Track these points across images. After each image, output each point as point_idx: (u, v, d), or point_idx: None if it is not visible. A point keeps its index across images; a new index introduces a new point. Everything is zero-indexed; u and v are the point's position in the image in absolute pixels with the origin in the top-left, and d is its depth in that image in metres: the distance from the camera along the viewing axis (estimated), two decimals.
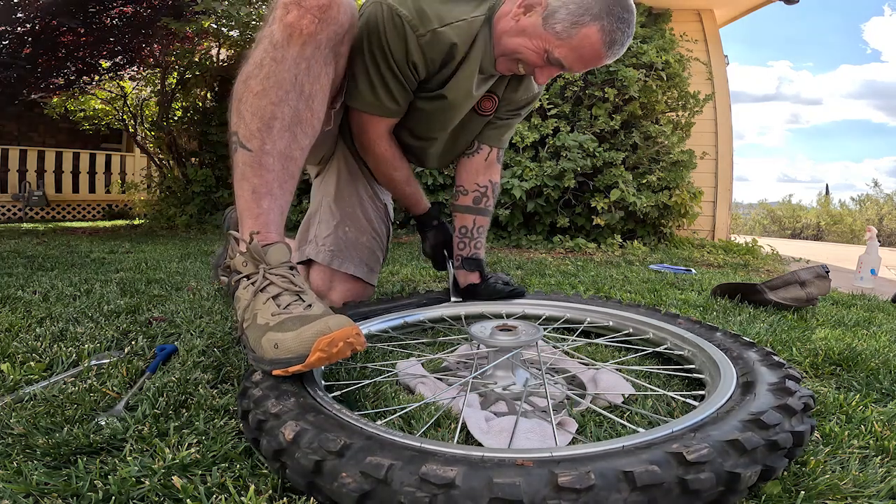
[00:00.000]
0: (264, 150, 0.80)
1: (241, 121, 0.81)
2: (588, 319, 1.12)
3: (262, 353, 0.66)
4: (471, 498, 0.42)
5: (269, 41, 0.81)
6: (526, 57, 1.00)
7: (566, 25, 0.93)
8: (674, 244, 3.48)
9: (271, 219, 0.80)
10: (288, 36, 0.80)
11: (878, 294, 1.84)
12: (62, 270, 1.80)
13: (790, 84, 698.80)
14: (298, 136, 0.83)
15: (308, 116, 0.84)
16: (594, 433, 0.65)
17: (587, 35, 0.93)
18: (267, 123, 0.80)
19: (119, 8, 3.80)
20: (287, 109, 0.81)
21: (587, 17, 0.92)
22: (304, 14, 0.80)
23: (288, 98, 0.81)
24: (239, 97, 0.82)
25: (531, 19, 0.96)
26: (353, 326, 0.66)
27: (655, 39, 3.64)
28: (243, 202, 0.80)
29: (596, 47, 0.94)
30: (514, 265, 2.29)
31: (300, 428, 0.52)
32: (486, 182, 1.27)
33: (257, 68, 0.80)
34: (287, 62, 0.80)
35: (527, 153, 3.46)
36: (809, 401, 0.60)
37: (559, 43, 0.95)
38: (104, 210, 6.53)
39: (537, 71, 1.02)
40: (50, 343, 0.92)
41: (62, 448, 0.56)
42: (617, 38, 0.94)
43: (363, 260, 1.24)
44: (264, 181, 0.80)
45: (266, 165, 0.80)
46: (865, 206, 13.89)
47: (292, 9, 0.80)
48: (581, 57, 0.96)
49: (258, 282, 0.73)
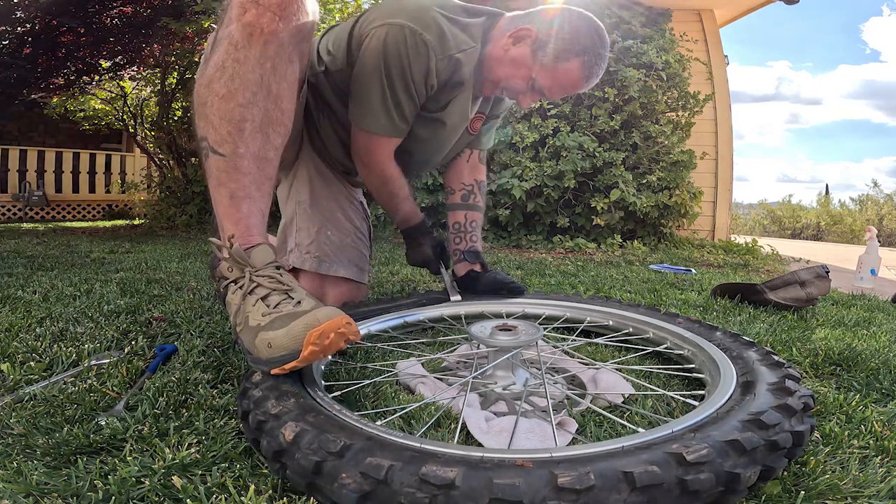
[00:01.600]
0: (238, 154, 0.78)
1: (209, 126, 0.78)
2: (588, 319, 1.12)
3: (258, 353, 0.66)
4: (471, 498, 0.42)
5: (228, 42, 0.77)
6: (513, 84, 1.09)
7: (552, 58, 1.03)
8: (674, 244, 3.48)
9: (252, 222, 0.79)
10: (248, 35, 0.77)
11: (878, 294, 1.84)
12: (62, 270, 1.80)
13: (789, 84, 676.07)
14: (271, 136, 0.82)
15: (278, 116, 0.82)
16: (594, 433, 0.65)
17: (570, 69, 1.03)
18: (237, 126, 0.78)
19: (119, 8, 3.80)
20: (256, 111, 0.79)
21: (572, 53, 1.02)
22: (263, 12, 0.76)
23: (256, 99, 0.79)
24: (203, 101, 0.79)
25: (520, 50, 1.05)
26: (343, 316, 0.65)
27: (655, 39, 3.64)
28: (222, 208, 0.79)
29: (576, 80, 1.05)
30: (514, 265, 2.29)
31: (300, 428, 0.52)
32: (472, 181, 1.34)
33: (219, 71, 0.77)
34: (250, 62, 0.77)
35: (527, 153, 3.46)
36: (809, 401, 0.60)
37: (545, 74, 1.05)
38: (104, 210, 6.53)
39: (520, 96, 1.11)
40: (50, 343, 0.92)
41: (62, 448, 0.56)
42: (594, 71, 1.06)
43: (352, 261, 1.23)
44: (241, 185, 0.79)
45: (241, 169, 0.78)
46: (865, 207, 13.90)
47: (249, 7, 0.76)
48: (562, 87, 1.07)
49: (245, 285, 0.73)
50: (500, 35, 1.08)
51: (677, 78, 3.53)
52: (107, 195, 6.52)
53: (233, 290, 0.75)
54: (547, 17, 1.05)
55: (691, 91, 3.62)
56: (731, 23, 4.71)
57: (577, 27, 1.03)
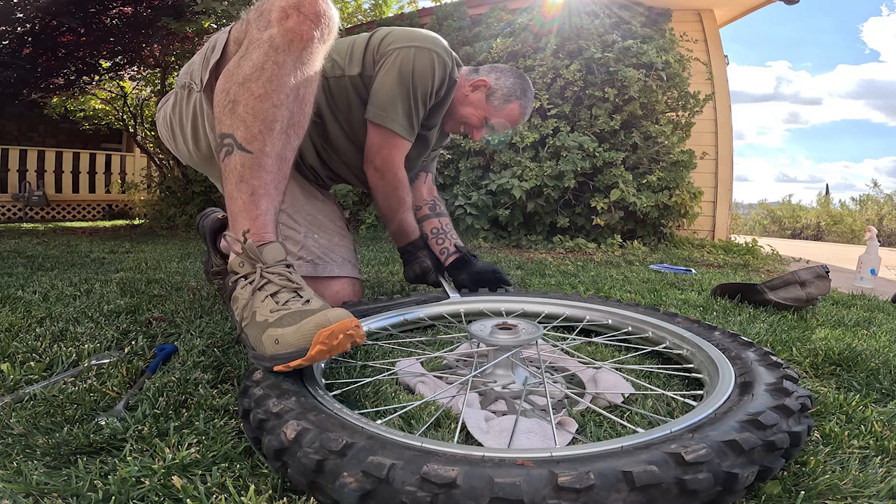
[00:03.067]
0: (264, 153, 0.80)
1: (238, 123, 0.80)
2: (587, 317, 1.12)
3: (263, 349, 0.66)
4: (471, 497, 0.42)
5: (269, 45, 0.81)
6: (470, 121, 1.37)
7: (501, 102, 1.35)
8: (674, 244, 3.48)
9: (268, 219, 0.80)
10: (289, 41, 0.81)
11: (878, 294, 1.84)
12: (62, 270, 1.80)
13: (789, 84, 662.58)
14: (291, 137, 0.85)
15: (301, 119, 0.86)
16: (594, 433, 0.65)
17: (513, 109, 1.36)
18: (269, 126, 0.80)
19: (119, 8, 3.80)
20: (286, 112, 0.82)
21: (513, 97, 1.35)
22: (304, 20, 0.81)
23: (287, 101, 0.82)
24: (234, 99, 0.81)
25: (477, 95, 1.35)
26: (352, 319, 0.66)
27: (655, 39, 3.63)
28: (240, 204, 0.80)
29: (517, 117, 1.38)
30: (514, 265, 2.29)
31: (302, 427, 0.52)
32: (432, 197, 1.56)
33: (258, 71, 0.80)
34: (288, 66, 0.81)
35: (527, 153, 3.46)
36: (807, 401, 0.60)
37: (495, 113, 1.35)
38: (104, 210, 6.53)
39: (475, 131, 1.38)
40: (50, 343, 0.92)
41: (62, 448, 0.56)
42: (528, 109, 1.40)
43: (344, 258, 1.26)
44: (263, 182, 0.80)
45: (265, 167, 0.81)
46: (865, 207, 13.88)
47: (291, 13, 0.80)
48: (508, 123, 1.38)
49: (256, 281, 0.73)
50: (463, 83, 1.35)
51: (677, 78, 3.53)
52: (107, 195, 6.53)
53: (242, 286, 0.75)
54: (494, 72, 1.36)
55: (691, 91, 3.62)
56: (730, 23, 4.71)
57: (515, 79, 1.36)
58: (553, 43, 3.60)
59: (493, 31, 3.96)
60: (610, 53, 3.38)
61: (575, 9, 3.70)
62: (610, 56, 3.37)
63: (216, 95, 0.85)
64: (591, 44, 3.49)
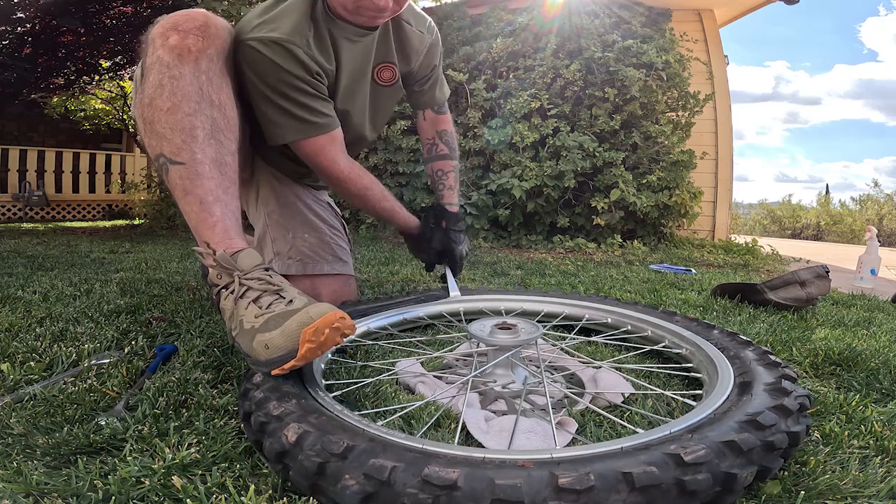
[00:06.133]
0: (196, 160, 0.80)
1: (161, 140, 0.80)
2: (586, 315, 1.12)
3: (257, 356, 0.66)
4: (473, 499, 0.43)
5: (160, 64, 0.81)
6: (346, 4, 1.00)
7: None
8: (674, 244, 3.48)
9: (229, 224, 0.79)
10: (178, 56, 0.81)
11: (878, 294, 1.84)
12: (62, 270, 1.80)
13: (788, 84, 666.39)
14: (224, 142, 0.84)
15: (226, 123, 0.85)
16: (594, 433, 0.65)
17: None
18: (190, 134, 0.80)
19: (119, 8, 3.80)
20: (204, 119, 0.82)
21: None
22: (186, 35, 0.82)
23: (201, 108, 0.82)
24: (149, 121, 0.81)
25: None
26: (336, 311, 0.65)
27: (655, 39, 3.63)
28: (194, 216, 0.79)
29: None
30: (514, 265, 2.29)
31: (303, 430, 0.52)
32: (433, 134, 1.39)
33: (158, 89, 0.80)
34: (186, 77, 0.81)
35: (527, 153, 3.46)
36: (805, 401, 0.60)
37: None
38: (104, 210, 6.53)
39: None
40: (50, 343, 0.92)
41: (62, 448, 0.56)
42: None
43: (334, 255, 1.25)
44: (208, 189, 0.79)
45: (203, 174, 0.80)
46: (865, 206, 13.87)
47: (171, 34, 0.81)
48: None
49: (236, 289, 0.73)
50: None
51: (677, 78, 3.53)
52: (107, 195, 6.52)
53: (224, 296, 0.75)
54: None
55: (691, 91, 3.62)
56: (730, 23, 4.71)
57: None
58: (553, 43, 3.60)
59: (493, 31, 3.96)
60: (610, 53, 3.38)
61: (575, 9, 3.70)
62: (610, 56, 3.37)
63: (137, 125, 0.85)
64: (592, 44, 3.49)
